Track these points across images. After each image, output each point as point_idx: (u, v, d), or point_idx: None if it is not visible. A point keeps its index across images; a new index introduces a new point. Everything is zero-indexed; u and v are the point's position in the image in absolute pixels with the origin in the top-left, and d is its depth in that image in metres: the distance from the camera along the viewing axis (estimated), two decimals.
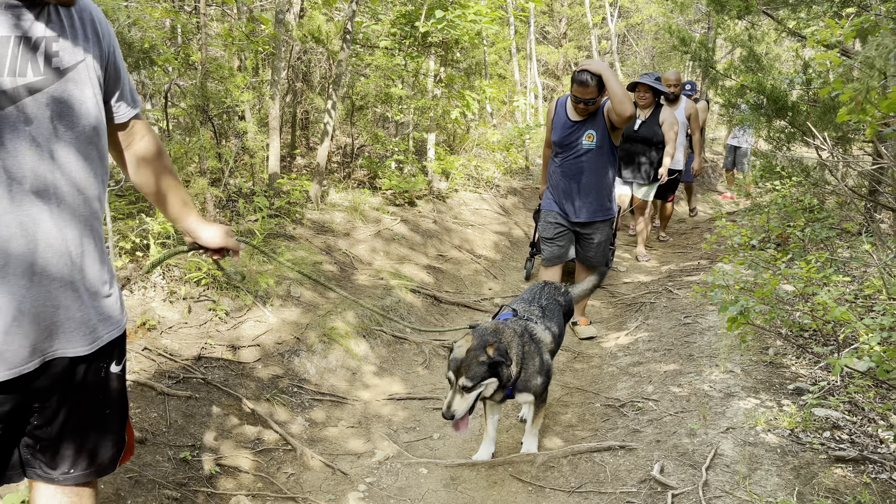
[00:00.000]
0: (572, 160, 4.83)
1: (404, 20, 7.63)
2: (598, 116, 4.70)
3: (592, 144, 4.73)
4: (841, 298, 3.31)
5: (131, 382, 3.44)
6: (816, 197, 4.22)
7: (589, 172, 4.81)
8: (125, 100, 1.83)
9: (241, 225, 5.28)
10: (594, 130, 4.71)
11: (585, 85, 4.47)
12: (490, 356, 2.98)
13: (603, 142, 4.73)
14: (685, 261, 7.41)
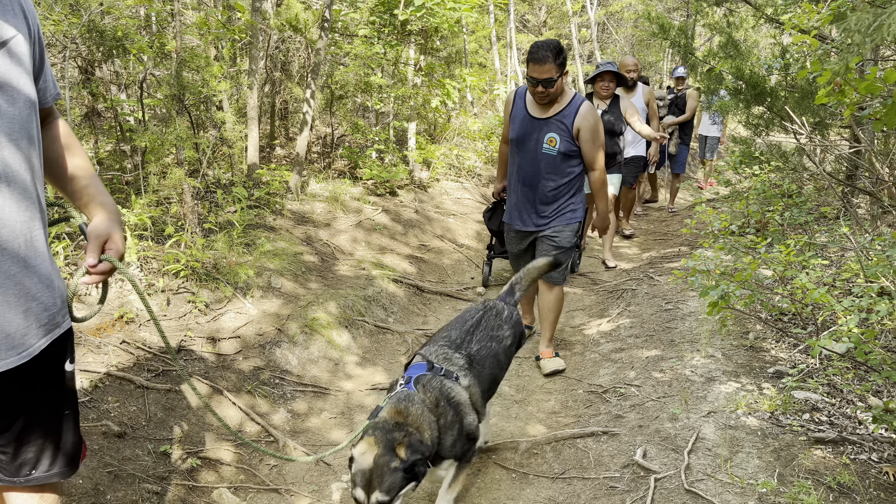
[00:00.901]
0: (529, 163, 4.12)
1: (383, 8, 7.57)
2: (565, 122, 4.00)
3: (554, 150, 4.03)
4: (819, 282, 3.33)
5: (110, 376, 3.39)
6: (795, 182, 4.25)
7: (549, 178, 4.11)
8: (49, 83, 1.72)
9: (220, 216, 5.22)
10: (557, 135, 4.00)
11: (542, 62, 3.79)
12: (403, 458, 2.35)
13: (568, 149, 4.04)
14: (666, 247, 7.45)
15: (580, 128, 3.96)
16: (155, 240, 4.50)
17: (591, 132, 3.98)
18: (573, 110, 3.98)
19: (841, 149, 3.98)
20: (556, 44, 3.85)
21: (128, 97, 6.18)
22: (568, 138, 4.00)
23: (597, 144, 4.03)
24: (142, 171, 4.64)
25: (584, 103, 4.00)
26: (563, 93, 4.03)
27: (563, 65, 3.87)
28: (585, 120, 3.96)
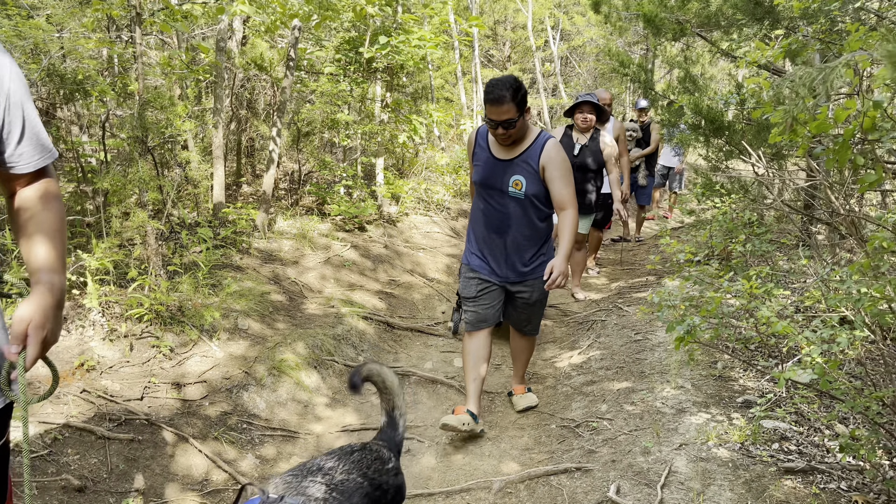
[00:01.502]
0: (496, 208, 3.81)
1: (348, 46, 7.63)
2: (530, 162, 3.69)
3: (521, 193, 3.71)
4: (783, 312, 3.39)
5: (70, 427, 3.28)
6: (755, 212, 4.34)
7: (517, 225, 3.80)
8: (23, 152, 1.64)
9: (186, 257, 5.15)
10: (523, 178, 3.69)
11: (499, 102, 3.46)
12: None
13: (536, 192, 3.72)
14: (633, 277, 7.52)
15: (545, 165, 3.65)
16: (118, 284, 4.42)
17: (558, 168, 3.65)
18: (538, 148, 3.67)
19: (798, 181, 4.09)
20: (512, 81, 3.50)
21: (90, 137, 6.10)
22: (535, 179, 3.69)
23: (566, 181, 3.68)
24: (103, 214, 4.56)
25: (549, 140, 3.71)
26: (527, 130, 3.73)
27: (524, 102, 3.55)
28: (550, 156, 3.65)
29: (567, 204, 3.69)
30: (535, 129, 3.78)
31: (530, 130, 3.76)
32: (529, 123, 3.74)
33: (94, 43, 4.40)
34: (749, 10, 4.32)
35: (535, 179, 3.69)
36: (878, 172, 1.87)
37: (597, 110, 5.95)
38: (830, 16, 3.43)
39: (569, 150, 5.94)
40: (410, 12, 8.21)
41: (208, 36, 8.18)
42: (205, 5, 4.72)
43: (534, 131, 3.77)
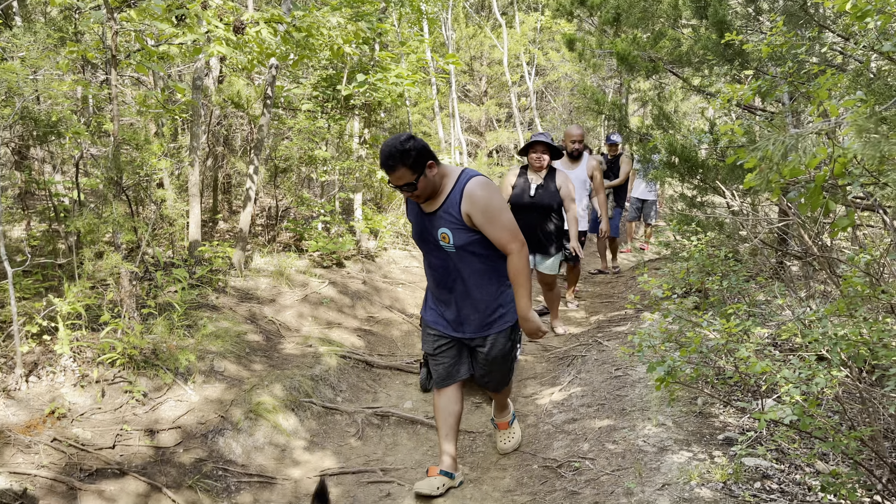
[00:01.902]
0: (437, 263, 3.54)
1: (326, 84, 7.67)
2: (452, 211, 3.34)
3: (451, 246, 3.39)
4: (761, 349, 3.40)
5: (41, 478, 3.18)
6: (731, 248, 4.40)
7: (463, 277, 3.50)
8: None
9: (160, 298, 5.07)
10: (448, 230, 3.35)
11: (392, 170, 3.19)
12: None
13: (467, 241, 3.38)
14: (612, 310, 7.54)
15: (469, 213, 3.28)
16: (90, 327, 4.33)
17: (483, 213, 3.27)
18: (457, 196, 3.30)
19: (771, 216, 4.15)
20: (399, 146, 3.15)
21: (62, 174, 6.03)
22: (461, 228, 3.33)
23: (498, 224, 3.31)
24: (75, 256, 4.48)
25: (469, 182, 3.29)
26: (445, 177, 3.35)
27: (420, 161, 3.19)
28: (472, 202, 3.27)
29: (510, 247, 3.35)
30: (455, 172, 3.38)
31: (449, 176, 3.37)
32: (445, 169, 3.37)
33: (68, 85, 4.37)
34: (719, 51, 4.43)
35: (461, 229, 3.34)
36: (850, 217, 1.90)
37: (550, 150, 5.82)
38: (797, 58, 3.52)
39: (524, 191, 5.90)
40: (387, 50, 8.30)
41: (185, 73, 8.18)
42: (181, 46, 4.72)
43: (453, 174, 3.36)
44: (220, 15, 4.78)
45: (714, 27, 4.69)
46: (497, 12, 16.02)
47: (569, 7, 8.32)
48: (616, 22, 7.43)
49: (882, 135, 1.45)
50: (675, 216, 4.90)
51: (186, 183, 6.57)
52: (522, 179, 5.96)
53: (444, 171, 3.34)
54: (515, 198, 5.90)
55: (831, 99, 2.41)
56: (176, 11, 4.32)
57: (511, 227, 3.33)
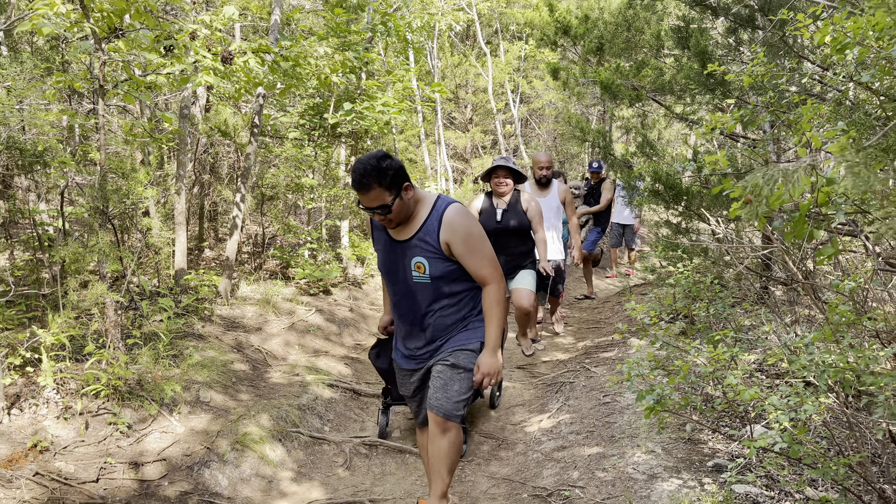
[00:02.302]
0: (407, 296, 3.21)
1: (313, 112, 7.72)
2: (429, 239, 3.07)
3: (425, 277, 3.11)
4: (749, 375, 3.42)
5: None
6: (716, 274, 4.44)
7: (435, 310, 3.20)
8: None
9: (146, 327, 5.02)
10: (424, 259, 3.09)
11: (365, 190, 2.88)
12: None
13: (444, 272, 3.12)
14: (600, 336, 7.56)
15: (449, 242, 3.04)
16: (74, 358, 4.27)
17: (464, 242, 3.04)
18: (435, 222, 3.04)
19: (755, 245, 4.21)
20: (375, 164, 2.87)
21: (47, 203, 6.00)
22: (439, 257, 3.09)
23: (479, 254, 3.09)
24: (60, 288, 4.44)
25: (448, 209, 3.05)
26: (419, 203, 3.09)
27: (397, 182, 2.91)
28: (452, 230, 3.03)
29: (488, 278, 3.11)
30: (429, 198, 3.13)
31: (423, 202, 3.11)
32: (419, 194, 3.11)
33: (54, 115, 4.36)
34: (701, 80, 4.52)
35: (439, 259, 3.09)
36: (835, 245, 1.94)
37: (513, 174, 5.78)
38: (778, 88, 3.60)
39: (491, 216, 5.84)
40: (374, 78, 8.37)
41: (172, 102, 8.20)
42: (169, 76, 4.74)
43: (428, 200, 3.11)
44: (208, 45, 4.81)
45: (696, 57, 4.79)
46: (482, 41, 16.23)
47: (553, 37, 8.45)
48: (599, 51, 7.56)
49: (870, 169, 1.49)
50: (660, 242, 4.95)
51: (172, 211, 6.55)
52: (488, 205, 5.92)
53: (418, 197, 3.08)
54: (483, 223, 5.78)
55: (813, 129, 2.46)
56: (164, 42, 4.35)
57: (491, 257, 3.12)
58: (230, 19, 5.12)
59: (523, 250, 5.96)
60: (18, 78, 4.14)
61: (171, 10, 6.82)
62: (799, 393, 2.57)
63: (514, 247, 5.89)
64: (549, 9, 8.70)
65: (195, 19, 4.96)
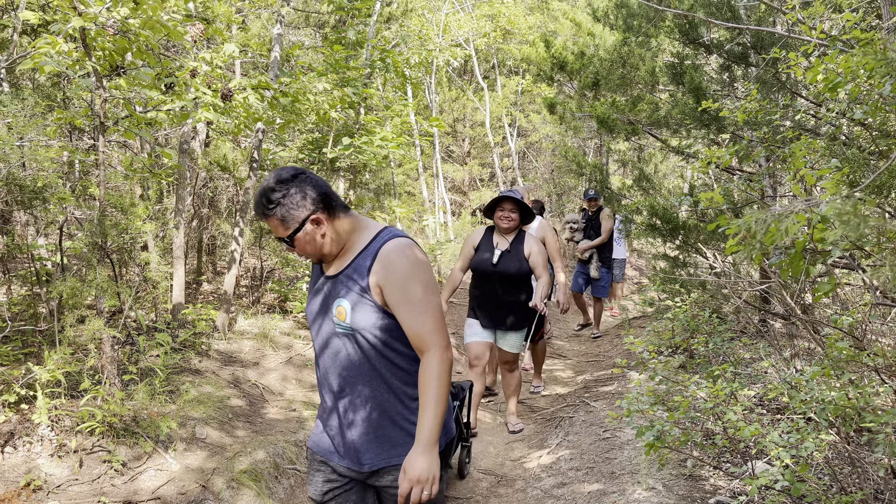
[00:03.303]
0: (327, 357, 2.35)
1: (312, 146, 7.78)
2: (356, 277, 2.25)
3: (346, 326, 2.26)
4: (749, 410, 3.40)
5: None
6: (714, 307, 4.44)
7: (353, 381, 2.30)
8: None
9: (142, 362, 4.99)
10: (348, 302, 2.25)
11: (266, 219, 2.23)
12: None
13: (369, 324, 2.24)
14: (599, 369, 7.52)
15: (381, 285, 2.20)
16: (69, 394, 4.24)
17: (400, 289, 2.19)
18: (368, 258, 2.24)
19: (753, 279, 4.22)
20: (268, 189, 2.18)
21: (46, 238, 6.01)
22: (366, 304, 2.22)
23: (418, 308, 2.20)
24: (57, 323, 4.43)
25: (390, 242, 2.24)
26: (357, 232, 2.31)
27: (293, 213, 2.17)
28: (388, 270, 2.20)
29: (429, 343, 2.19)
30: (372, 228, 2.33)
31: (362, 231, 2.32)
32: (360, 223, 2.34)
33: (55, 152, 4.40)
34: (696, 116, 4.58)
35: (365, 304, 2.22)
36: (832, 282, 1.94)
37: (521, 209, 4.95)
38: (772, 123, 3.64)
39: (487, 257, 5.02)
40: (373, 113, 8.46)
41: (171, 136, 8.27)
42: (169, 112, 4.79)
43: (370, 230, 2.31)
44: (208, 82, 4.87)
45: (691, 93, 4.85)
46: (479, 76, 16.44)
47: (549, 72, 8.57)
48: (595, 86, 7.66)
49: (860, 217, 1.50)
50: (658, 275, 4.96)
51: (171, 245, 6.56)
52: (487, 242, 5.13)
53: (359, 225, 2.32)
54: (477, 263, 5.07)
55: (807, 166, 2.49)
56: (165, 80, 4.40)
57: (436, 316, 2.22)
58: (230, 56, 5.19)
59: (519, 303, 5.04)
60: (20, 115, 4.19)
61: (173, 47, 6.92)
62: (800, 429, 2.55)
63: (508, 297, 5.01)
64: (546, 45, 8.83)
65: (196, 57, 5.03)
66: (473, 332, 5.24)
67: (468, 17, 15.01)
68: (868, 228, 1.52)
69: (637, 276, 14.09)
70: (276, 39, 6.83)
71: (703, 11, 4.60)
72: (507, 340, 5.22)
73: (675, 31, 4.95)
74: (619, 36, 7.13)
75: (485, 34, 15.25)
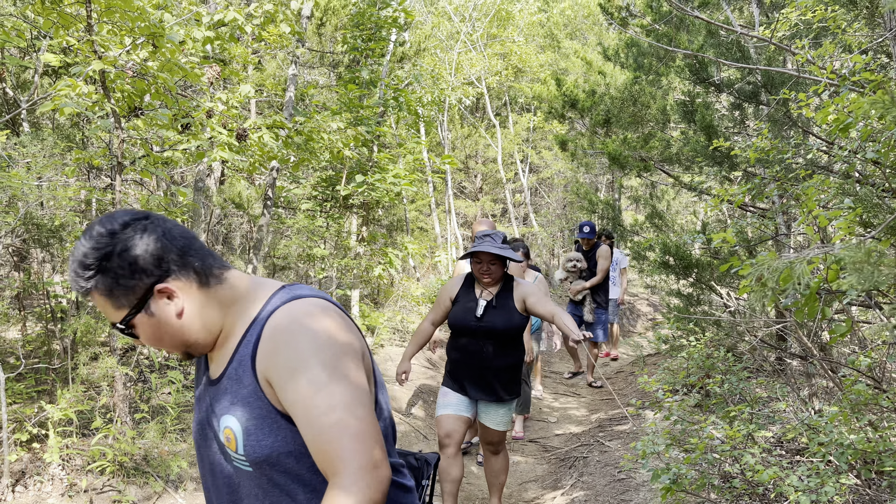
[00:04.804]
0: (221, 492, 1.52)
1: (325, 184, 7.86)
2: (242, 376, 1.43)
3: (242, 459, 1.42)
4: (767, 451, 3.34)
5: None
6: (729, 346, 4.39)
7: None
8: None
9: (154, 400, 4.98)
10: (234, 421, 1.41)
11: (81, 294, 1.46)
12: None
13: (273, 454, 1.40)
14: (613, 407, 7.42)
15: (269, 379, 1.40)
16: (81, 433, 4.23)
17: (289, 376, 1.37)
18: (252, 340, 1.45)
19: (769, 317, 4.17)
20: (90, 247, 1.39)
21: (62, 275, 6.06)
22: (261, 416, 1.41)
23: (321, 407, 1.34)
24: (70, 361, 4.44)
25: (279, 310, 1.44)
26: (238, 301, 1.51)
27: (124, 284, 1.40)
28: (274, 349, 1.40)
29: (336, 464, 1.32)
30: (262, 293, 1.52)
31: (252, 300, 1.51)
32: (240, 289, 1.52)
33: (73, 191, 4.47)
34: (708, 154, 4.59)
35: (261, 418, 1.42)
36: (848, 324, 1.92)
37: (499, 260, 3.96)
38: (784, 162, 3.65)
39: (469, 309, 4.04)
40: (386, 150, 8.55)
41: (187, 174, 8.39)
42: (185, 151, 4.87)
43: (258, 298, 1.51)
44: (223, 122, 4.96)
45: (702, 131, 4.87)
46: (491, 114, 16.62)
47: (560, 110, 8.65)
48: (607, 124, 7.72)
49: (874, 265, 1.50)
50: (671, 313, 4.92)
51: None
52: (467, 292, 4.13)
53: (247, 292, 1.52)
54: (457, 317, 4.05)
55: (820, 206, 2.48)
56: (182, 120, 4.48)
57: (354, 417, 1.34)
58: (246, 97, 5.28)
59: (507, 366, 4.04)
60: (39, 155, 4.27)
61: (190, 88, 7.06)
62: (819, 473, 2.50)
63: (494, 358, 3.99)
64: (557, 83, 8.93)
65: (212, 97, 5.13)
66: (447, 402, 4.11)
67: (480, 56, 15.24)
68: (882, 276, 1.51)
69: (651, 312, 13.97)
70: (290, 79, 6.96)
71: (713, 52, 4.65)
72: (493, 415, 4.11)
73: (685, 70, 5.00)
74: (629, 75, 7.20)
75: (496, 72, 15.46)
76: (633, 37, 6.72)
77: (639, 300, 14.43)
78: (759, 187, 3.66)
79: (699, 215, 5.16)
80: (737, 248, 3.45)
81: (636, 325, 13.12)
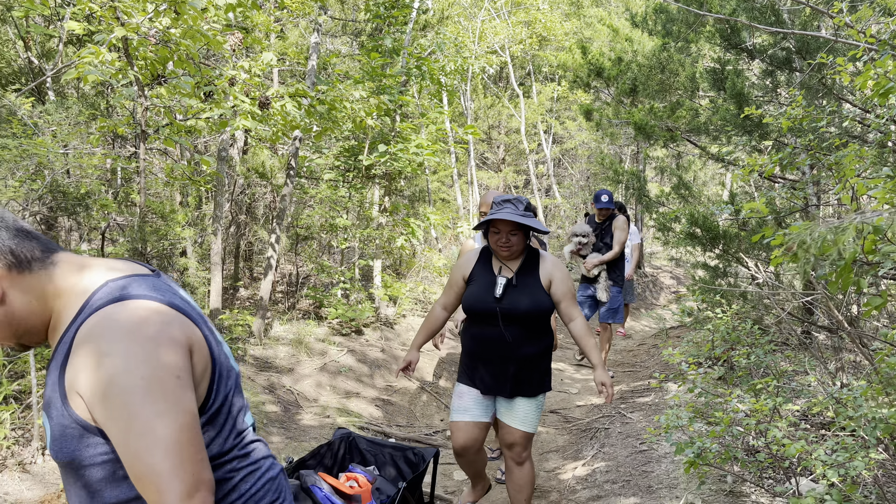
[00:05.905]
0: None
1: (348, 154, 7.83)
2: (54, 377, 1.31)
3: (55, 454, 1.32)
4: (793, 426, 3.30)
5: None
6: (755, 318, 4.33)
7: None
8: None
9: None
10: (45, 416, 1.34)
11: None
12: None
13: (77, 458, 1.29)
14: (635, 380, 7.40)
15: (80, 392, 1.25)
16: None
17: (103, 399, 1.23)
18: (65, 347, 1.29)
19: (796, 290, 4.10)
20: None
21: (89, 243, 6.14)
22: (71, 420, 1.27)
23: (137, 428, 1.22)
24: None
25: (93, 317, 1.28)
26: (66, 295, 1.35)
27: None
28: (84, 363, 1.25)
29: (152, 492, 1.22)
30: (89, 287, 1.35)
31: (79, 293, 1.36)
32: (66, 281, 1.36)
33: (98, 159, 4.50)
34: (738, 122, 4.48)
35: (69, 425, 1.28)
36: (883, 296, 1.86)
37: (521, 230, 3.37)
38: (818, 131, 3.54)
39: (486, 288, 3.42)
40: (408, 120, 8.49)
41: (210, 144, 8.41)
42: (208, 120, 4.86)
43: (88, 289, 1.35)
44: (246, 90, 4.93)
45: (732, 99, 4.75)
46: (514, 83, 16.40)
47: (585, 79, 8.49)
48: (633, 93, 7.57)
49: None
50: (696, 285, 4.85)
51: (209, 251, 6.65)
52: (483, 269, 3.51)
53: (74, 280, 1.37)
54: (472, 299, 3.44)
55: (857, 177, 2.40)
56: (204, 88, 4.47)
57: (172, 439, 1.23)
58: (268, 65, 5.25)
59: (533, 355, 3.42)
60: (64, 123, 4.29)
61: (212, 56, 7.04)
62: (847, 447, 2.46)
63: (518, 347, 3.38)
64: (582, 51, 8.76)
65: (235, 65, 5.11)
66: (463, 405, 3.53)
67: (504, 24, 15.00)
68: None
69: (674, 284, 13.85)
70: (313, 48, 6.90)
71: (745, 16, 4.50)
72: (517, 412, 3.48)
73: (716, 35, 4.85)
74: (657, 41, 7.03)
75: (520, 41, 15.22)
76: (662, 2, 6.55)
77: (662, 272, 14.31)
78: (790, 157, 3.56)
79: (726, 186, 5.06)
80: (767, 219, 3.38)
81: (659, 298, 13.03)
